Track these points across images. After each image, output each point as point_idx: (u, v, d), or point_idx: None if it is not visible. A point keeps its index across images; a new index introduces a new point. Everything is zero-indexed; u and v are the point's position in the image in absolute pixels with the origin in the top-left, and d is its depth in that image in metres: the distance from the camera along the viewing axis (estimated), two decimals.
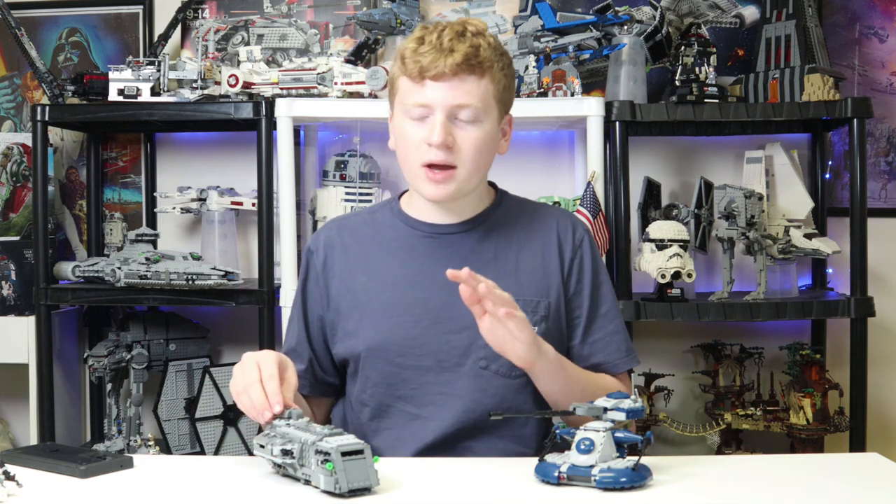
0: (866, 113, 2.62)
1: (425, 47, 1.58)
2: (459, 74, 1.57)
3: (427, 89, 1.58)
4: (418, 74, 1.58)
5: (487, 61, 1.59)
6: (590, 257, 1.73)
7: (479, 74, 1.59)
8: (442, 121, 1.58)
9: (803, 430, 2.66)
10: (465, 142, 1.60)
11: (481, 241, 1.69)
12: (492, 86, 1.61)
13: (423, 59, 1.57)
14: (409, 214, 1.73)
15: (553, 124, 2.85)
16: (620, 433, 1.38)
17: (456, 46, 1.57)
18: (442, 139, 1.57)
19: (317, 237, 1.78)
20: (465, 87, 1.58)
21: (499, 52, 1.63)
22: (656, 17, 2.76)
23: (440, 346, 1.64)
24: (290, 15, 3.04)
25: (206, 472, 1.52)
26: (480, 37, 1.60)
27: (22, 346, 2.76)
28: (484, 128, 1.62)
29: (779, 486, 1.39)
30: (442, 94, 1.58)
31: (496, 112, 1.64)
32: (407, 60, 1.59)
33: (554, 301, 1.68)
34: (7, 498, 1.31)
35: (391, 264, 1.69)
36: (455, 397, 1.63)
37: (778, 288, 2.76)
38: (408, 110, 1.61)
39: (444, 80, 1.57)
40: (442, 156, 1.59)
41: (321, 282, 1.73)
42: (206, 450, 2.85)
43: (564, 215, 1.78)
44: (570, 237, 1.73)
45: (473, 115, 1.60)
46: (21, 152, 2.99)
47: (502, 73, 1.63)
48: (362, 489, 1.31)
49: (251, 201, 2.85)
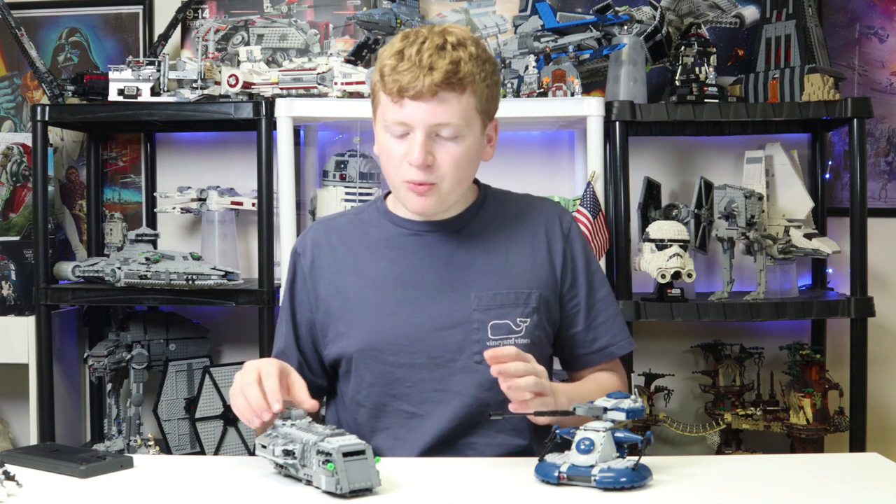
0: (866, 113, 2.62)
1: (404, 64, 1.53)
2: (439, 93, 1.54)
3: (406, 109, 1.55)
4: (397, 93, 1.55)
5: (468, 76, 1.55)
6: (580, 245, 1.74)
7: (460, 91, 1.55)
8: (422, 140, 1.56)
9: (803, 430, 2.66)
10: (446, 158, 1.58)
11: (469, 236, 1.69)
12: (473, 99, 1.57)
13: (402, 77, 1.53)
14: (396, 213, 1.73)
15: (553, 124, 2.85)
16: (620, 433, 1.38)
17: (436, 63, 1.53)
18: (422, 160, 1.56)
19: (303, 238, 1.78)
20: (445, 106, 1.55)
21: (481, 60, 1.59)
22: (656, 17, 2.76)
23: (433, 343, 1.64)
24: (290, 15, 3.04)
25: (206, 472, 1.52)
26: (461, 49, 1.56)
27: (22, 346, 2.76)
28: (466, 142, 1.59)
29: (779, 486, 1.39)
30: (421, 114, 1.55)
31: (479, 124, 1.62)
32: (386, 78, 1.55)
33: (545, 292, 1.68)
34: (7, 498, 1.31)
35: (380, 264, 1.69)
36: (451, 393, 1.64)
37: (778, 288, 2.76)
38: (388, 127, 1.60)
39: (423, 101, 1.54)
40: (422, 175, 1.58)
41: (309, 284, 1.73)
42: (206, 450, 2.85)
43: (549, 205, 1.77)
44: (558, 227, 1.73)
45: (454, 132, 1.57)
46: (21, 152, 2.99)
47: (484, 83, 1.59)
48: (363, 490, 1.31)
49: (251, 201, 2.86)
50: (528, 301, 1.66)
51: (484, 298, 1.64)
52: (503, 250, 1.69)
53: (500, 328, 1.64)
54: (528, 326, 1.65)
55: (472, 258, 1.67)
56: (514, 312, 1.64)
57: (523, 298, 1.66)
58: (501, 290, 1.65)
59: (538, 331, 1.66)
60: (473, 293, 1.64)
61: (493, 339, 1.63)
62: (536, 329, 1.65)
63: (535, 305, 1.66)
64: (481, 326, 1.63)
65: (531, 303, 1.66)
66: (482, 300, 1.64)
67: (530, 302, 1.66)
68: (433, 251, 1.68)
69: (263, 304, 2.64)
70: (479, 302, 1.64)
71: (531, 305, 1.66)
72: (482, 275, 1.66)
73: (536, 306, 1.67)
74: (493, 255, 1.68)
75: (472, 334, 1.63)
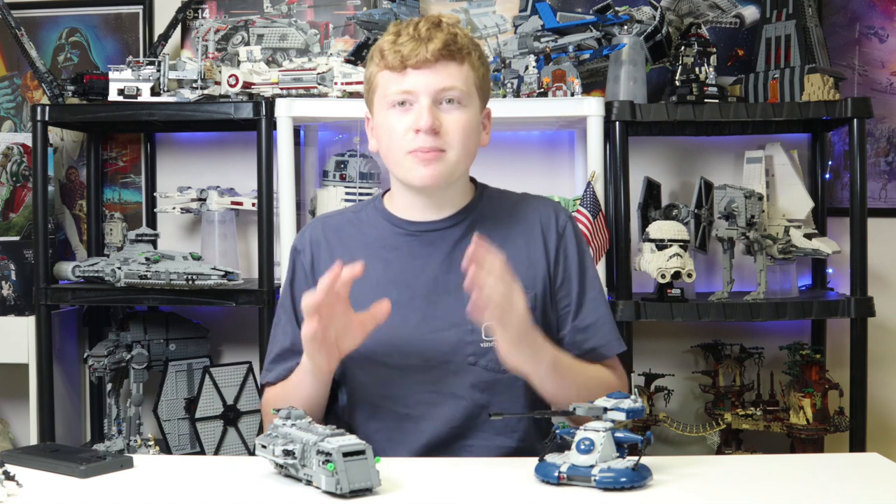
0: (866, 113, 2.62)
1: (403, 38, 1.61)
2: (441, 60, 1.60)
3: (409, 77, 1.61)
4: (399, 64, 1.60)
5: (466, 48, 1.63)
6: (574, 244, 1.72)
7: (460, 61, 1.62)
8: (428, 105, 1.60)
9: (803, 430, 2.66)
10: (452, 124, 1.62)
11: (465, 236, 1.68)
12: (472, 73, 1.65)
13: (404, 48, 1.60)
14: (392, 213, 1.73)
15: (553, 124, 2.85)
16: (620, 433, 1.38)
17: (434, 35, 1.60)
18: (430, 123, 1.59)
19: (302, 235, 1.78)
20: (447, 72, 1.61)
21: (474, 43, 1.67)
22: (656, 17, 2.76)
23: (427, 344, 1.64)
24: (290, 15, 3.04)
25: (206, 472, 1.52)
26: (456, 27, 1.65)
27: (22, 346, 2.76)
28: (469, 111, 1.64)
29: (779, 486, 1.39)
30: (425, 80, 1.60)
31: (477, 100, 1.67)
32: (386, 53, 1.62)
33: (540, 292, 1.68)
34: (7, 498, 1.31)
35: (375, 264, 1.69)
36: (445, 395, 1.63)
37: (778, 288, 2.76)
38: (391, 100, 1.62)
39: (426, 67, 1.60)
40: (431, 141, 1.60)
41: (309, 281, 1.72)
42: (206, 450, 2.85)
43: (547, 204, 1.77)
44: (554, 225, 1.72)
45: (458, 97, 1.62)
46: (21, 152, 2.99)
47: (480, 61, 1.67)
48: (363, 490, 1.31)
49: (251, 201, 2.85)
50: None
51: None
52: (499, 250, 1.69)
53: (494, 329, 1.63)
54: None
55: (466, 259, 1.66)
56: None
57: None
58: None
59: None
60: (467, 294, 1.64)
61: (487, 341, 1.63)
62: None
63: (530, 305, 1.65)
64: (475, 328, 1.63)
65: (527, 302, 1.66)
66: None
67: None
68: (428, 252, 1.68)
69: (263, 304, 2.63)
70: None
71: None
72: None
73: (532, 306, 1.65)
74: None
75: (466, 336, 1.63)
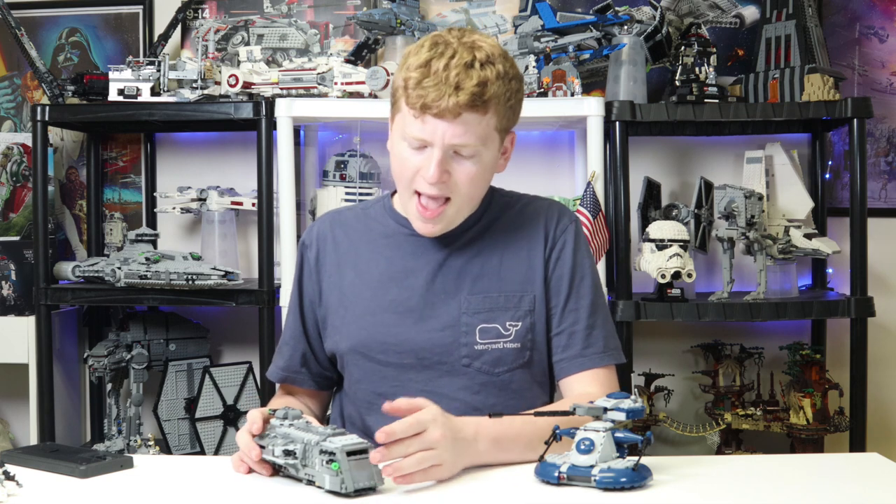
0: (866, 113, 2.62)
1: (430, 80, 1.51)
2: (462, 115, 1.52)
3: (427, 125, 1.53)
4: (420, 109, 1.53)
5: (494, 97, 1.54)
6: (572, 246, 1.70)
7: (483, 111, 1.54)
8: (439, 158, 1.55)
9: (803, 430, 2.66)
10: (462, 175, 1.58)
11: (467, 239, 1.69)
12: (495, 119, 1.56)
13: (427, 94, 1.51)
14: (398, 211, 1.73)
15: (553, 124, 2.85)
16: (620, 433, 1.37)
17: (463, 83, 1.50)
18: (437, 178, 1.55)
19: (310, 230, 1.79)
20: (465, 127, 1.53)
21: (508, 78, 1.57)
22: (656, 17, 2.76)
23: (422, 343, 1.64)
24: (290, 15, 3.04)
25: (206, 472, 1.52)
26: (489, 67, 1.53)
27: (22, 346, 2.76)
28: (482, 161, 1.59)
29: (779, 486, 1.39)
30: (441, 132, 1.53)
31: (497, 141, 1.61)
32: (410, 91, 1.53)
33: (539, 294, 1.67)
34: (7, 498, 1.31)
35: (378, 262, 1.70)
36: (438, 395, 1.62)
37: (778, 288, 2.76)
38: (406, 139, 1.58)
39: (445, 120, 1.52)
40: (435, 191, 1.58)
41: (314, 276, 1.74)
42: (206, 450, 2.85)
43: (553, 207, 1.75)
44: (555, 227, 1.71)
45: (472, 152, 1.57)
46: (21, 152, 2.99)
47: (508, 104, 1.58)
48: (367, 489, 1.31)
49: (251, 201, 2.86)
50: (521, 304, 1.65)
51: (473, 302, 1.64)
52: (499, 253, 1.68)
53: (488, 332, 1.63)
54: (518, 330, 1.64)
55: (465, 261, 1.67)
56: (503, 316, 1.64)
57: (514, 301, 1.65)
58: (492, 293, 1.65)
59: (531, 334, 1.65)
60: (463, 296, 1.64)
61: (482, 343, 1.63)
62: (529, 332, 1.64)
63: (528, 308, 1.65)
64: (469, 330, 1.63)
65: (523, 306, 1.65)
66: (471, 303, 1.64)
67: (522, 305, 1.65)
68: (429, 252, 1.68)
69: (263, 304, 2.64)
70: (468, 305, 1.64)
71: (523, 308, 1.65)
72: (473, 278, 1.65)
73: (530, 309, 1.65)
74: (487, 259, 1.68)
75: (461, 337, 1.63)
